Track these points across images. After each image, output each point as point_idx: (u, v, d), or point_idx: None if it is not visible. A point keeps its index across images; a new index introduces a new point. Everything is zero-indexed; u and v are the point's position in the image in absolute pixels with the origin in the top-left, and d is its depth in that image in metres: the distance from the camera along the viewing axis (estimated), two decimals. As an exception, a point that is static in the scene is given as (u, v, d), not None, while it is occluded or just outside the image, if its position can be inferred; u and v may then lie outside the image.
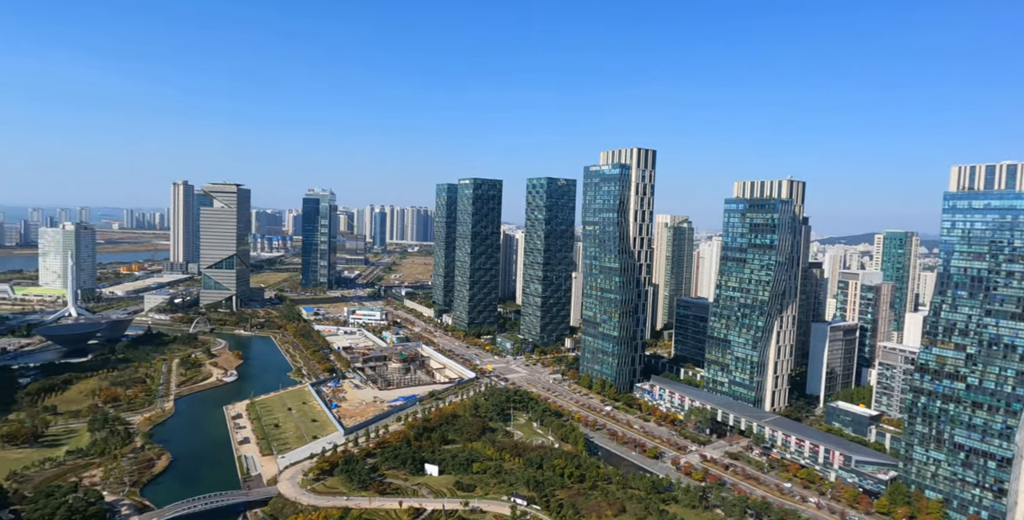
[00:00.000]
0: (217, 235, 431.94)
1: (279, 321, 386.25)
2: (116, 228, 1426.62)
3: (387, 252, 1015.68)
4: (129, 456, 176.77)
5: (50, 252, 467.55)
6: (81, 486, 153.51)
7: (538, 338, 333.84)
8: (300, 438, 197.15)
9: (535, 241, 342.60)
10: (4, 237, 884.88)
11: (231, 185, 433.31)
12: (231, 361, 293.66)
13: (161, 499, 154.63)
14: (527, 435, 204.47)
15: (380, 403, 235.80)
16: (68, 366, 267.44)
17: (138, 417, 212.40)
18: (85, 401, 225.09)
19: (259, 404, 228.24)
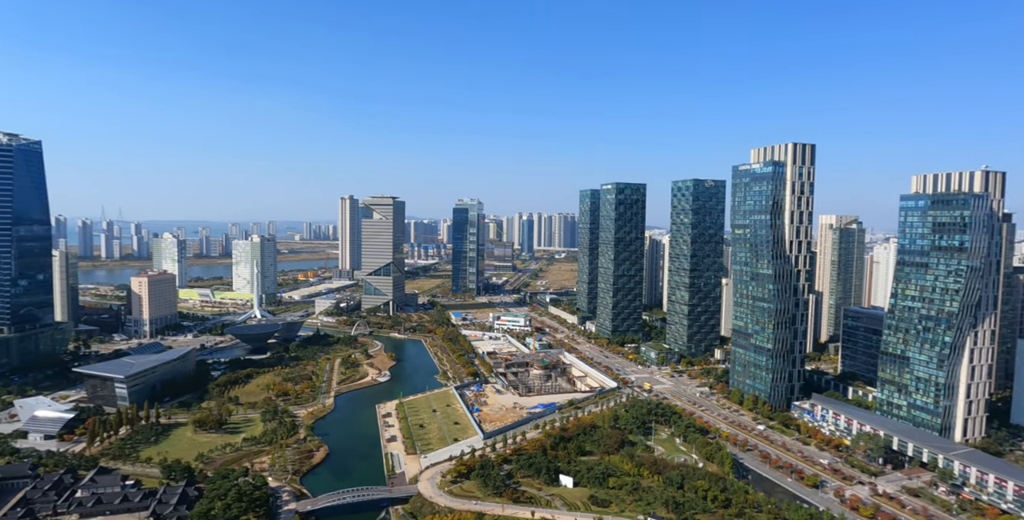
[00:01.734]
0: (376, 244, 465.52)
1: (430, 325, 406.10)
2: (297, 239, 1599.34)
3: (534, 258, 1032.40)
4: (293, 446, 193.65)
5: (241, 261, 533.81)
6: (251, 471, 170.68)
7: (684, 348, 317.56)
8: (442, 439, 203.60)
9: (681, 246, 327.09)
10: (210, 248, 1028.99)
11: (388, 198, 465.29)
12: (385, 362, 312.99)
13: (316, 488, 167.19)
14: (668, 451, 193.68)
15: (519, 409, 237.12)
16: (250, 362, 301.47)
17: (303, 411, 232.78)
18: (261, 394, 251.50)
19: (407, 404, 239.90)
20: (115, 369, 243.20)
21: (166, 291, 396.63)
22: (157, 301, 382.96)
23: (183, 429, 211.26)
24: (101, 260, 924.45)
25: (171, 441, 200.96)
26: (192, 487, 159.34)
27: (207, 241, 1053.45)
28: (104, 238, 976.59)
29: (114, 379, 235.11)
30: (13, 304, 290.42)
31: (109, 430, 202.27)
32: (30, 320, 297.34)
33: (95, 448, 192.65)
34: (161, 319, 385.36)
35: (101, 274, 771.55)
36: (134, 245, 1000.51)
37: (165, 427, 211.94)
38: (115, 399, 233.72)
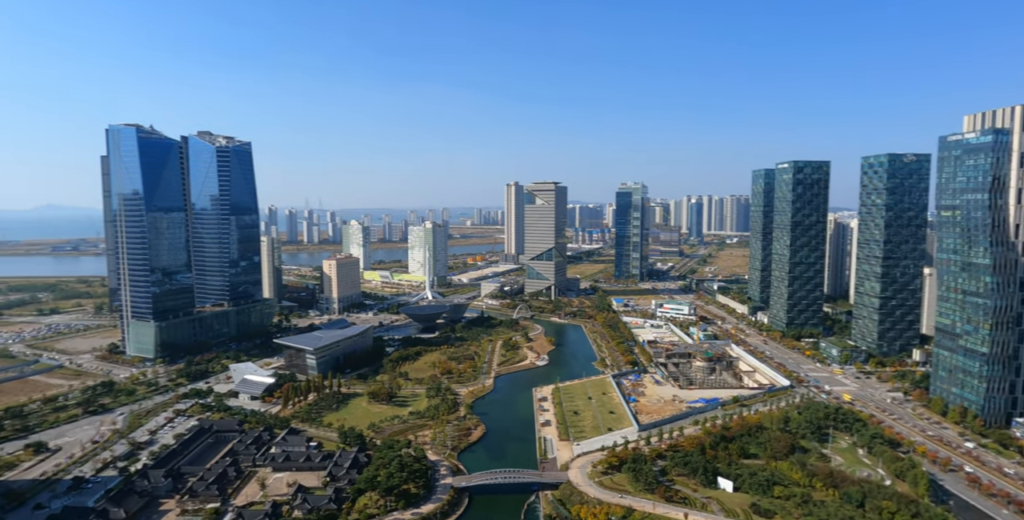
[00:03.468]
0: (538, 229, 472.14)
1: (590, 311, 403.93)
2: (468, 224, 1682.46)
3: (703, 243, 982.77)
4: (453, 423, 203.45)
5: (416, 246, 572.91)
6: (414, 443, 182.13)
7: (874, 346, 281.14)
8: (596, 428, 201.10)
9: (872, 230, 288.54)
10: (391, 234, 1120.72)
11: (549, 184, 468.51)
12: (544, 346, 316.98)
13: (472, 465, 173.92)
14: (848, 463, 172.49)
15: (679, 402, 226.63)
16: (420, 340, 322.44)
17: (464, 389, 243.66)
18: (428, 371, 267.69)
19: (563, 390, 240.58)
20: (307, 342, 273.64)
21: (351, 273, 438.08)
22: (344, 282, 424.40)
23: (359, 399, 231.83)
24: (303, 244, 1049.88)
25: (349, 409, 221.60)
26: (363, 453, 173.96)
27: (389, 227, 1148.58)
28: (306, 225, 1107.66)
29: (306, 350, 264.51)
30: (232, 283, 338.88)
31: (300, 395, 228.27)
32: (245, 296, 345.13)
33: (288, 411, 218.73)
34: (347, 298, 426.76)
35: (303, 257, 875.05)
36: (329, 231, 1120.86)
37: (345, 396, 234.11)
38: (306, 368, 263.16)
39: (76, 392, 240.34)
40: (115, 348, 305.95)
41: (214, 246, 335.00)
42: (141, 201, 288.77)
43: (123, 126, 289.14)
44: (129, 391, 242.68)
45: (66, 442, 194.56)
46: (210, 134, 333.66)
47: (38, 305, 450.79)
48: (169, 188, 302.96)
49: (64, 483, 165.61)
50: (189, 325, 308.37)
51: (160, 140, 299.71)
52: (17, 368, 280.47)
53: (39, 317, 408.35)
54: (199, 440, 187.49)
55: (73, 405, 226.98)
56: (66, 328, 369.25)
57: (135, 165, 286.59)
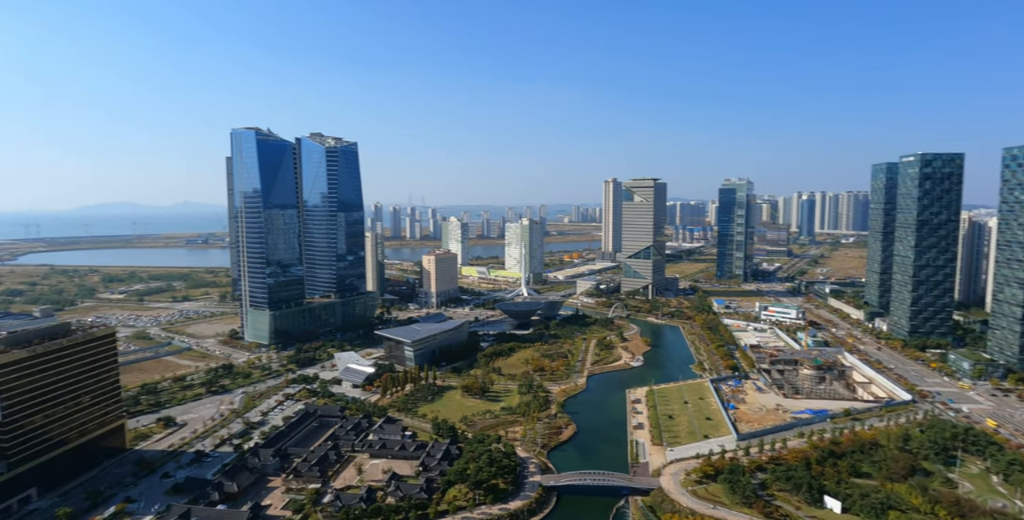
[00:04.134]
0: (636, 227, 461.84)
1: (689, 312, 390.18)
2: (566, 222, 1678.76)
3: (815, 243, 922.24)
4: (544, 420, 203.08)
5: (512, 242, 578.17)
6: (504, 439, 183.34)
7: (1015, 360, 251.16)
8: (691, 434, 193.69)
9: (1015, 230, 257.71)
10: (490, 230, 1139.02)
11: (648, 180, 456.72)
12: (640, 346, 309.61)
13: (561, 464, 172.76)
14: (979, 491, 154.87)
15: (782, 412, 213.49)
16: (514, 336, 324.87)
17: (556, 387, 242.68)
18: (521, 367, 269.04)
19: (658, 392, 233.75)
20: (405, 334, 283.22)
21: (449, 268, 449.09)
22: (442, 277, 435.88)
23: (453, 392, 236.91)
24: (406, 240, 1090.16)
25: (443, 401, 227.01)
26: (455, 446, 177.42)
27: (487, 224, 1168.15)
28: (408, 221, 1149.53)
29: (404, 343, 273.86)
30: (339, 276, 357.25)
31: (397, 386, 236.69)
32: (350, 289, 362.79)
33: (386, 400, 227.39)
34: (445, 292, 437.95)
35: (406, 252, 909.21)
36: (430, 227, 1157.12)
37: (439, 388, 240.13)
38: (404, 360, 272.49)
39: (201, 373, 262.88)
40: (235, 334, 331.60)
41: (323, 241, 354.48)
42: (259, 198, 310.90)
43: (244, 129, 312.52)
44: (246, 374, 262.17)
45: (191, 418, 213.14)
46: (320, 135, 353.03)
47: (172, 292, 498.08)
48: (284, 186, 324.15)
49: (188, 455, 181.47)
50: (300, 315, 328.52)
51: (276, 142, 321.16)
52: (153, 349, 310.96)
53: (173, 303, 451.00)
54: (304, 423, 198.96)
55: (198, 384, 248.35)
56: (195, 314, 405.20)
57: (254, 165, 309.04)
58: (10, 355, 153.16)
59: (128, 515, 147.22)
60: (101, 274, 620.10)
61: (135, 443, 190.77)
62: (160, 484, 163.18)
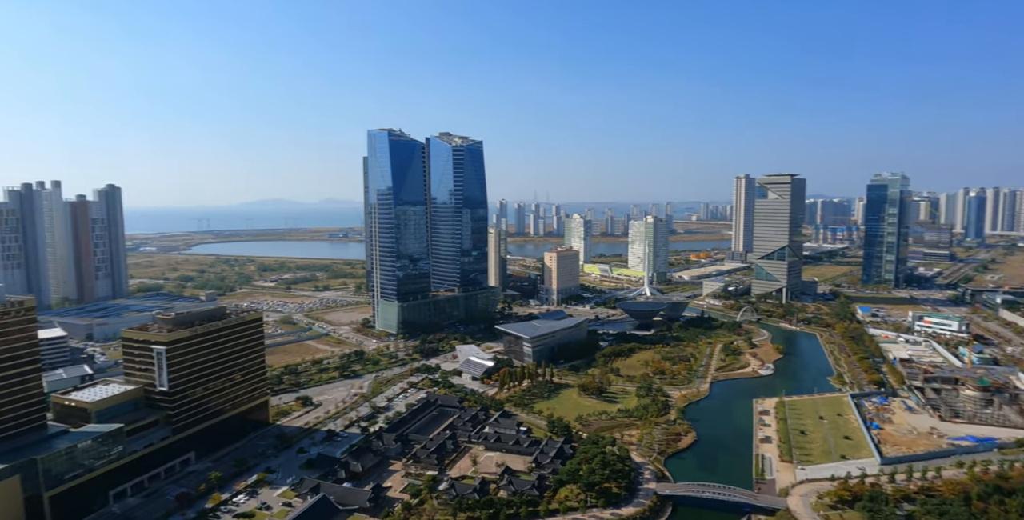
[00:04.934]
0: (770, 226, 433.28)
1: (828, 319, 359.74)
2: (694, 220, 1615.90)
3: (984, 246, 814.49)
4: (662, 426, 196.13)
5: (636, 240, 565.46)
6: (619, 442, 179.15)
7: None
8: (826, 453, 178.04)
9: None
10: (614, 227, 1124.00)
11: (785, 176, 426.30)
12: (770, 354, 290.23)
13: (678, 473, 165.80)
14: None
15: (937, 437, 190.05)
16: (634, 337, 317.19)
17: (677, 392, 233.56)
18: (640, 369, 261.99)
19: (789, 405, 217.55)
20: (525, 330, 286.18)
21: (571, 265, 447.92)
22: (563, 274, 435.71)
23: (570, 390, 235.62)
24: (529, 236, 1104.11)
25: (559, 399, 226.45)
26: (568, 444, 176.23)
27: (611, 221, 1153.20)
28: (532, 218, 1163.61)
29: (523, 338, 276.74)
30: (463, 270, 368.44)
31: (515, 381, 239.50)
32: (473, 284, 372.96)
33: (503, 394, 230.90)
34: (565, 290, 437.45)
35: (529, 248, 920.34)
36: (554, 224, 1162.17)
37: (556, 386, 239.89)
38: (523, 355, 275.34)
39: (336, 358, 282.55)
40: (367, 322, 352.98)
41: (449, 236, 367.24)
42: (391, 195, 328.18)
43: (378, 131, 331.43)
44: (375, 361, 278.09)
45: (325, 399, 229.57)
46: (448, 135, 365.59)
47: (315, 282, 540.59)
48: (413, 184, 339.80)
49: (320, 433, 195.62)
50: (425, 307, 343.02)
51: (407, 142, 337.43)
52: (296, 333, 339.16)
53: (315, 292, 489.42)
54: (425, 411, 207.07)
55: (333, 368, 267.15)
56: (333, 303, 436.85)
57: (386, 164, 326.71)
58: (177, 334, 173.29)
59: (268, 483, 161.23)
60: (257, 264, 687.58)
61: (277, 419, 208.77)
62: (296, 458, 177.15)
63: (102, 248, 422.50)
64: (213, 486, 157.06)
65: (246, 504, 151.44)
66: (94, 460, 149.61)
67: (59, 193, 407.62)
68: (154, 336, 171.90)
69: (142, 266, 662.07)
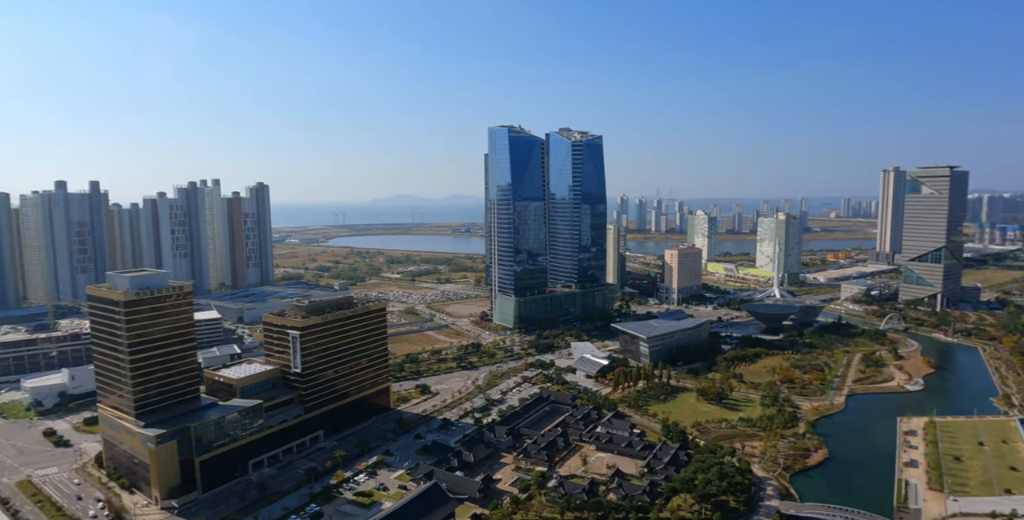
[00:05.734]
0: (922, 224, 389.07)
1: (993, 331, 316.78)
2: (833, 217, 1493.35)
3: None
4: (789, 439, 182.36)
5: (765, 238, 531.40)
6: (740, 453, 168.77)
7: None
8: (986, 484, 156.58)
9: None
10: (741, 225, 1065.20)
11: (942, 168, 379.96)
12: (919, 368, 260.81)
13: (806, 492, 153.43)
14: None
15: None
16: (760, 341, 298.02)
17: (807, 403, 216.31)
18: (765, 376, 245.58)
19: (941, 426, 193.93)
20: (642, 329, 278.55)
21: (692, 264, 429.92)
22: (685, 272, 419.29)
23: (687, 394, 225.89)
24: (650, 233, 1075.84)
25: (675, 403, 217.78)
26: (683, 451, 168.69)
27: (739, 218, 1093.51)
28: (654, 214, 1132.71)
29: (640, 338, 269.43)
30: (580, 267, 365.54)
31: (629, 381, 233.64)
32: (591, 280, 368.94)
33: (617, 394, 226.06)
34: (686, 289, 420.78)
35: (650, 245, 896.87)
36: (676, 221, 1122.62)
37: (673, 389, 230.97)
38: (639, 355, 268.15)
39: (454, 349, 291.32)
40: (485, 316, 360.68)
41: (566, 232, 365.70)
42: (510, 191, 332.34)
43: (499, 127, 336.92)
44: (491, 354, 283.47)
45: (442, 388, 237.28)
46: (568, 130, 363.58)
47: (437, 275, 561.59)
48: (532, 180, 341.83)
49: (436, 422, 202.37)
50: (542, 302, 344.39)
51: (527, 138, 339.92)
52: (418, 324, 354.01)
53: (437, 284, 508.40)
54: (537, 407, 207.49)
55: (451, 359, 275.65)
56: (454, 295, 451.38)
57: (506, 160, 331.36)
58: (309, 320, 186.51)
59: (387, 466, 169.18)
60: (385, 256, 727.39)
61: (397, 404, 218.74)
62: (413, 443, 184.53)
63: (252, 240, 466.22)
64: (338, 464, 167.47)
65: (365, 483, 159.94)
66: (238, 431, 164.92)
67: (218, 190, 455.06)
68: (290, 321, 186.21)
69: (286, 257, 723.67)
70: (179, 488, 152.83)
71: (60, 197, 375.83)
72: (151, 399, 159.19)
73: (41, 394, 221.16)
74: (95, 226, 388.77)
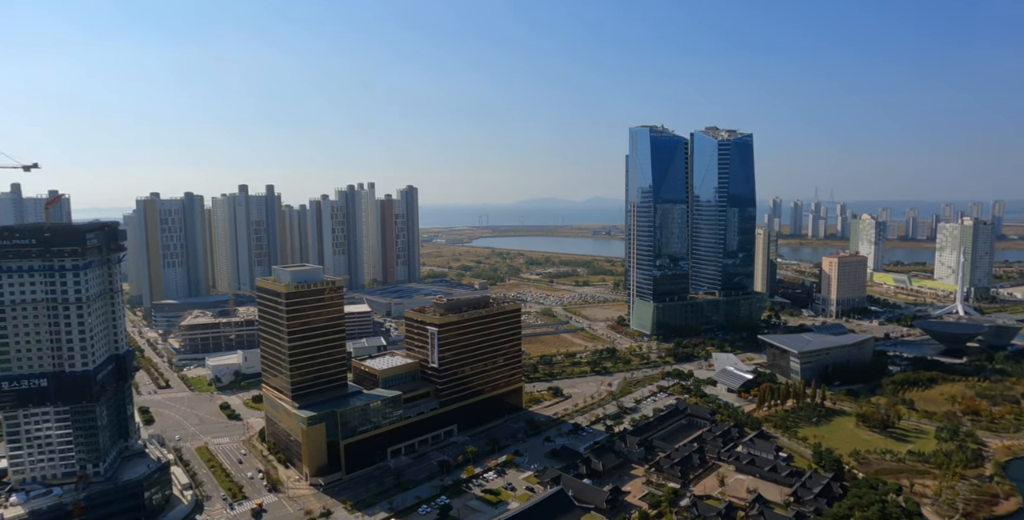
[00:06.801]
0: None
1: None
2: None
3: None
4: (971, 481, 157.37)
5: (946, 247, 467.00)
6: (907, 491, 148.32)
7: None
8: None
9: None
10: (916, 231, 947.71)
11: None
12: None
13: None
14: None
15: None
16: (937, 364, 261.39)
17: (996, 441, 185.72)
18: (942, 405, 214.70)
19: None
20: (793, 343, 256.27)
21: (855, 273, 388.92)
22: (845, 282, 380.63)
23: (844, 419, 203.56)
24: (807, 238, 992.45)
25: (830, 427, 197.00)
26: (838, 483, 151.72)
27: (913, 223, 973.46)
28: (811, 218, 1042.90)
29: (790, 352, 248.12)
30: (725, 273, 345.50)
31: (776, 399, 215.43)
32: (736, 288, 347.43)
33: (762, 412, 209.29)
34: (847, 301, 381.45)
35: (805, 252, 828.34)
36: (838, 226, 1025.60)
37: (828, 411, 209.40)
38: (788, 371, 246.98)
39: (588, 353, 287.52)
40: (622, 320, 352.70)
41: (711, 236, 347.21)
42: (651, 193, 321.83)
43: (639, 128, 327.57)
44: (626, 360, 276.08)
45: (575, 392, 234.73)
46: (715, 129, 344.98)
47: (575, 277, 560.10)
48: (674, 181, 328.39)
49: (567, 425, 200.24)
50: (682, 309, 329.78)
51: (669, 138, 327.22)
52: (554, 325, 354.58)
53: (575, 287, 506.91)
54: (672, 419, 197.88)
55: (584, 363, 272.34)
56: (591, 298, 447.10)
57: (647, 161, 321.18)
58: (447, 317, 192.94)
59: (515, 466, 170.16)
60: (525, 257, 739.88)
61: (529, 405, 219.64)
62: (542, 446, 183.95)
63: (402, 239, 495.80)
64: (469, 459, 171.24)
65: (494, 481, 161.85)
66: (380, 419, 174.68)
67: (373, 193, 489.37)
68: (429, 318, 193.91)
69: (432, 255, 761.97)
70: (325, 467, 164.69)
71: (242, 199, 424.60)
72: (305, 383, 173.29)
73: (220, 371, 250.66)
74: (270, 225, 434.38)
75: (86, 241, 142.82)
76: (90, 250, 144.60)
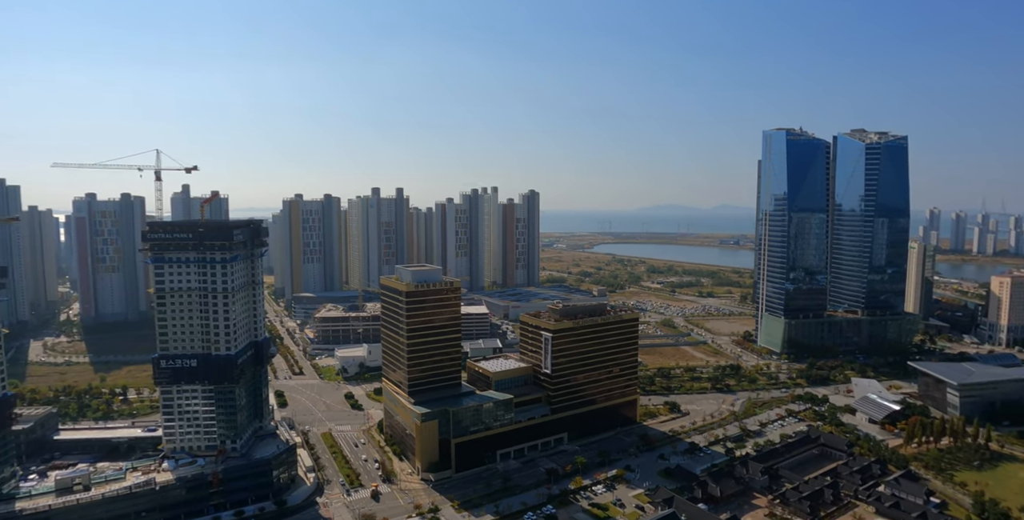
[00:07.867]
0: None
1: None
2: None
3: None
4: None
5: None
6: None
7: None
8: None
9: None
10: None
11: None
12: None
13: None
14: None
15: None
16: None
17: None
18: None
19: None
20: (951, 373, 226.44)
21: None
22: (1019, 306, 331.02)
23: (1015, 465, 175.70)
24: (971, 255, 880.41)
25: (996, 474, 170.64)
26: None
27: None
28: (977, 232, 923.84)
29: (948, 383, 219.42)
30: (870, 290, 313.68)
31: (928, 435, 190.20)
32: (883, 307, 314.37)
33: (910, 448, 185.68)
34: (1022, 328, 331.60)
35: (970, 269, 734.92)
36: (1011, 241, 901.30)
37: (993, 454, 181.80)
38: (945, 405, 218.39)
39: (710, 368, 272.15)
40: (748, 336, 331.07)
41: (854, 249, 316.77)
42: (786, 201, 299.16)
43: (775, 131, 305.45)
44: (751, 379, 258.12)
45: (693, 409, 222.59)
46: (862, 131, 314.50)
47: (699, 288, 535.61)
48: (813, 188, 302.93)
49: (683, 444, 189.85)
50: (818, 327, 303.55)
51: (808, 141, 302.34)
52: (674, 337, 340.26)
53: (698, 298, 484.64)
54: (802, 447, 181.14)
55: (705, 378, 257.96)
56: (715, 311, 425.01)
57: (782, 167, 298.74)
58: (562, 323, 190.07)
59: (625, 481, 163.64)
60: (647, 265, 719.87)
61: (643, 419, 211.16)
62: (655, 463, 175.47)
63: (522, 243, 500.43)
64: (578, 469, 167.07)
65: (602, 495, 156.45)
66: (491, 421, 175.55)
67: (496, 197, 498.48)
68: (543, 323, 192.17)
69: (551, 260, 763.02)
70: (437, 464, 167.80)
71: (374, 201, 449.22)
72: (421, 380, 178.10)
73: (347, 363, 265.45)
74: (398, 226, 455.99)
75: (233, 236, 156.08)
76: (236, 245, 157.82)
